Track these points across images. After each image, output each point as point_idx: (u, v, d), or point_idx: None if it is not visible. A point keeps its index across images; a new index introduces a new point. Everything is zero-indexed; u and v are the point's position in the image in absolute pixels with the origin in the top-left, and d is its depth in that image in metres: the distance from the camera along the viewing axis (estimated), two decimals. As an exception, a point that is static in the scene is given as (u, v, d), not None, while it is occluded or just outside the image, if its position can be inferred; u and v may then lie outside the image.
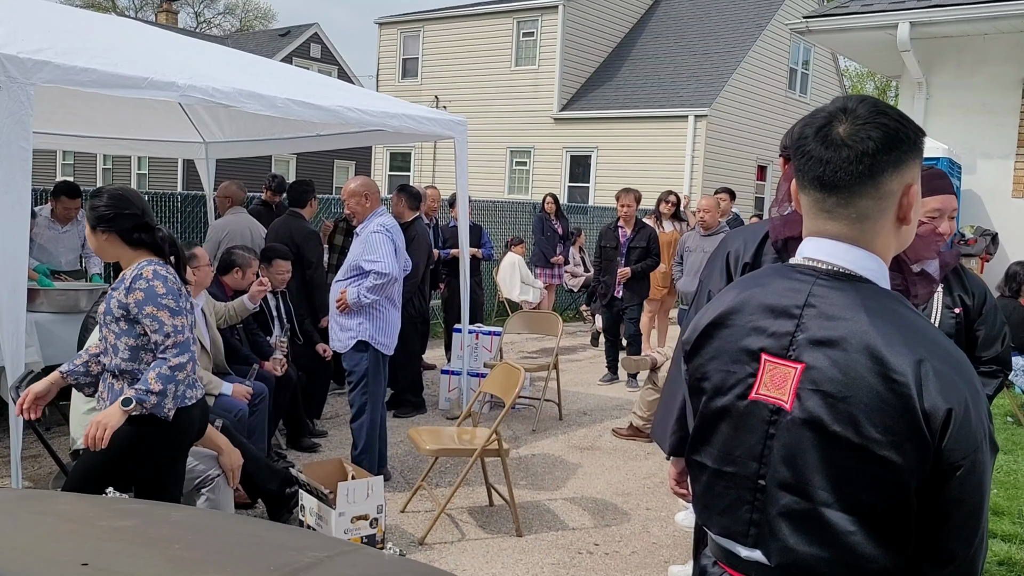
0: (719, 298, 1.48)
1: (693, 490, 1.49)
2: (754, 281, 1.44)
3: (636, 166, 18.12)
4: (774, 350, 1.34)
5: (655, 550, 4.10)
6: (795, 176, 1.43)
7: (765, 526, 1.33)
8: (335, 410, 6.41)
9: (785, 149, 2.25)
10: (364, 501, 3.87)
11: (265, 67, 5.95)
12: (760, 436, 1.34)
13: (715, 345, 1.42)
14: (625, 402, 7.15)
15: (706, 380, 1.42)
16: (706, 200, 7.44)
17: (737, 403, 1.37)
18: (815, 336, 1.31)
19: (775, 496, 1.32)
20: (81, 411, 3.37)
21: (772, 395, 1.33)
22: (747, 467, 1.35)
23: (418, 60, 22.12)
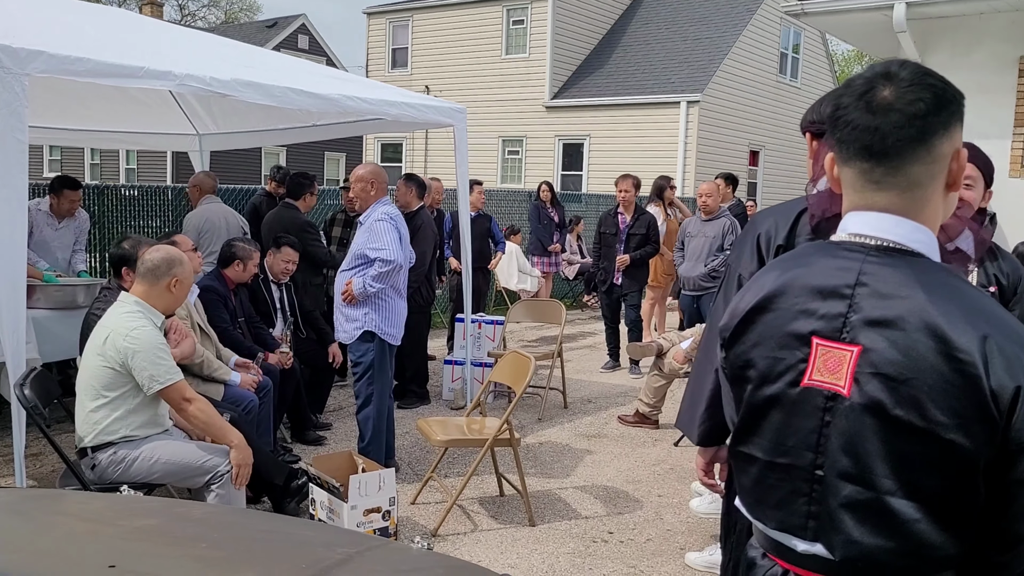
0: (757, 281, 1.41)
1: (740, 483, 1.42)
2: (796, 261, 1.38)
3: (629, 153, 18.05)
4: (826, 333, 1.28)
5: (670, 537, 4.06)
6: (834, 149, 1.37)
7: (826, 519, 1.27)
8: (338, 402, 6.35)
9: (812, 124, 2.18)
10: (376, 494, 3.82)
11: (261, 57, 5.87)
12: (815, 424, 1.28)
13: (758, 331, 1.35)
14: (629, 389, 7.11)
15: (751, 368, 1.35)
16: (707, 185, 7.38)
17: (788, 391, 1.30)
18: (870, 316, 1.25)
19: (835, 487, 1.25)
20: (87, 408, 3.30)
21: (827, 381, 1.27)
22: (802, 457, 1.29)
23: (408, 50, 21.97)
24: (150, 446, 3.31)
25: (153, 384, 3.23)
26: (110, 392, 3.26)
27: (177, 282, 3.43)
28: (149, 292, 3.39)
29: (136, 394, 3.29)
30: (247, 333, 5.20)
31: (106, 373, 3.25)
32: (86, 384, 3.30)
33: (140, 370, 3.22)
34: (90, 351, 3.32)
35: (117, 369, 3.24)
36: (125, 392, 3.27)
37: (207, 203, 6.62)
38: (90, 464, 3.31)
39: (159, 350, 3.28)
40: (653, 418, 5.90)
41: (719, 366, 1.47)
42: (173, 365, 3.31)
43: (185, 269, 3.46)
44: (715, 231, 7.15)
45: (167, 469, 3.29)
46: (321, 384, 5.81)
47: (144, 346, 3.23)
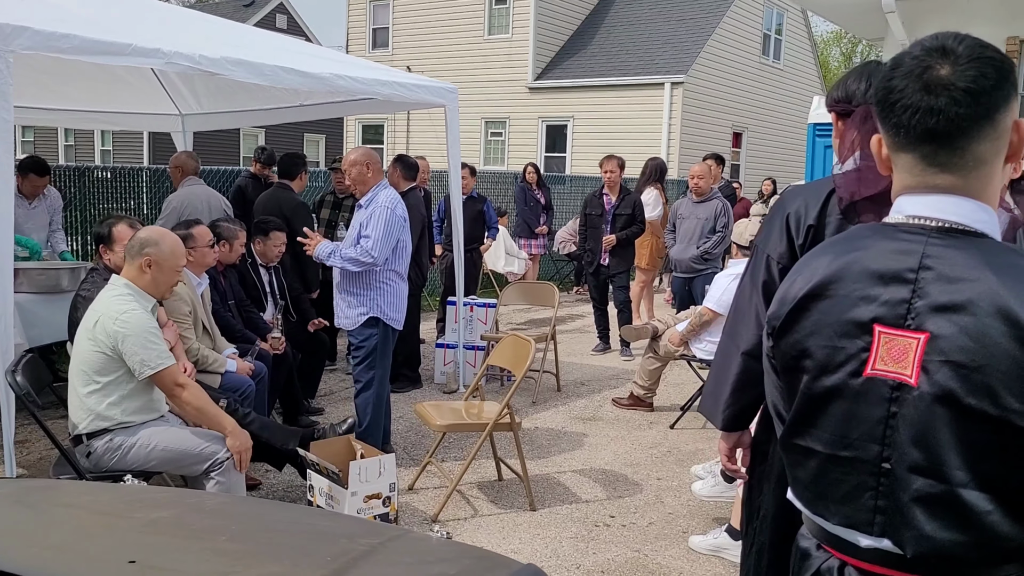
0: (807, 266, 1.35)
1: (795, 476, 1.37)
2: (850, 244, 1.32)
3: (613, 135, 17.97)
4: (889, 320, 1.22)
5: (672, 520, 4.04)
6: (888, 133, 1.31)
7: (895, 513, 1.22)
8: (328, 387, 6.27)
9: (837, 103, 2.12)
10: (376, 480, 3.77)
11: (250, 35, 5.75)
12: (880, 416, 1.22)
13: (814, 319, 1.29)
14: (621, 371, 7.09)
15: (807, 358, 1.29)
16: (699, 166, 7.34)
17: (850, 381, 1.25)
18: (937, 301, 1.20)
19: (905, 480, 1.21)
20: (80, 394, 3.21)
21: (891, 370, 1.21)
22: (867, 450, 1.24)
23: (388, 30, 21.69)
24: (147, 432, 3.23)
25: (144, 369, 3.15)
26: (102, 377, 3.18)
27: (151, 263, 3.29)
28: (133, 274, 3.29)
29: (129, 379, 3.20)
30: (238, 316, 5.11)
31: (97, 358, 3.16)
32: (78, 369, 3.21)
33: (131, 355, 3.14)
34: (81, 335, 3.23)
35: (108, 354, 3.15)
36: (118, 377, 3.19)
37: (189, 185, 6.48)
38: (85, 452, 3.23)
39: (150, 334, 3.19)
40: (648, 401, 5.88)
41: (765, 354, 1.42)
42: (165, 350, 3.22)
43: (160, 250, 3.30)
44: (707, 213, 7.12)
45: (165, 456, 3.22)
46: (313, 369, 5.73)
47: (134, 330, 3.14)
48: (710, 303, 5.29)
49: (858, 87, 2.05)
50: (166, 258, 3.32)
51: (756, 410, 2.13)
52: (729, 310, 2.18)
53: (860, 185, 1.90)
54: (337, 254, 4.43)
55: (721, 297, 5.24)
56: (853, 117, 2.02)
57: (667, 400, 6.13)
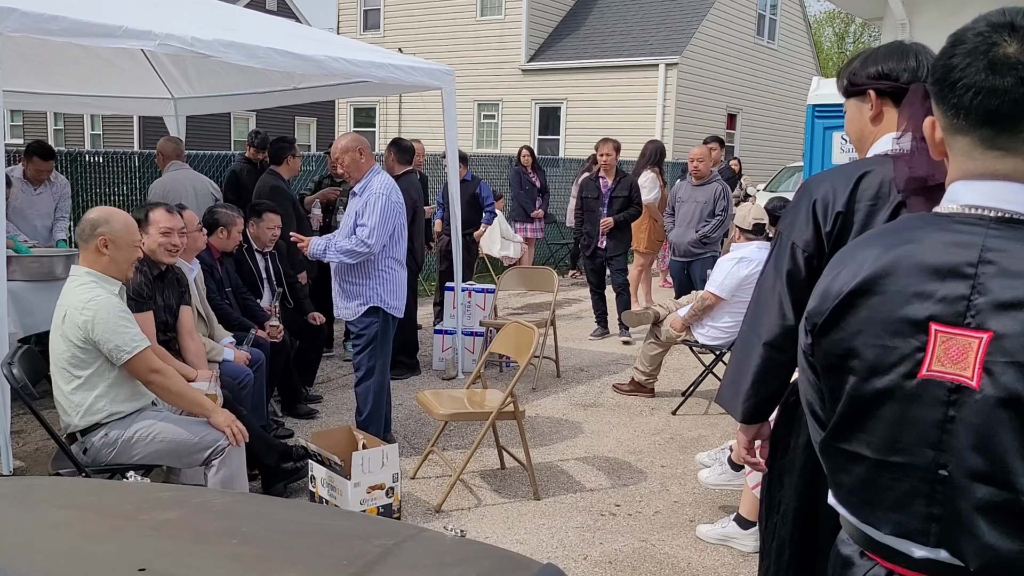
0: (852, 259, 1.27)
1: (838, 481, 1.29)
2: (900, 236, 1.24)
3: (607, 117, 17.85)
4: (946, 318, 1.15)
5: (678, 509, 4.00)
6: (945, 115, 1.24)
7: (953, 523, 1.15)
8: (325, 374, 6.21)
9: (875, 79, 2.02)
10: (379, 470, 3.72)
11: (243, 17, 5.63)
12: (937, 420, 1.15)
13: (862, 316, 1.22)
14: (620, 356, 7.04)
15: (853, 358, 1.22)
16: (698, 149, 7.27)
17: (903, 383, 1.17)
18: (1000, 298, 1.12)
19: (966, 489, 1.14)
20: (65, 392, 3.14)
21: (949, 371, 1.14)
22: (921, 456, 1.17)
23: (380, 11, 21.47)
24: (143, 424, 3.16)
25: (121, 355, 3.07)
26: (82, 371, 3.10)
27: (106, 242, 3.18)
28: (88, 259, 3.20)
29: (110, 368, 3.13)
30: (235, 304, 5.04)
31: (72, 352, 3.08)
32: (58, 368, 3.13)
33: (104, 341, 3.06)
34: (53, 334, 3.14)
35: (82, 345, 3.07)
36: (98, 368, 3.11)
37: (173, 170, 6.39)
38: (82, 448, 3.16)
39: (120, 317, 3.10)
40: (649, 386, 5.84)
41: (802, 352, 1.35)
42: (138, 332, 3.13)
43: (113, 228, 3.18)
44: (706, 196, 7.06)
45: (164, 449, 3.15)
46: (310, 356, 5.67)
47: (103, 315, 3.06)
48: (712, 287, 5.24)
49: (904, 65, 1.97)
50: (120, 234, 3.19)
51: (777, 402, 2.08)
52: (750, 299, 2.11)
53: (933, 169, 1.81)
54: (332, 249, 4.34)
55: (724, 281, 5.19)
56: (911, 95, 1.94)
57: (668, 385, 6.09)
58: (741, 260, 5.18)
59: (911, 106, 1.96)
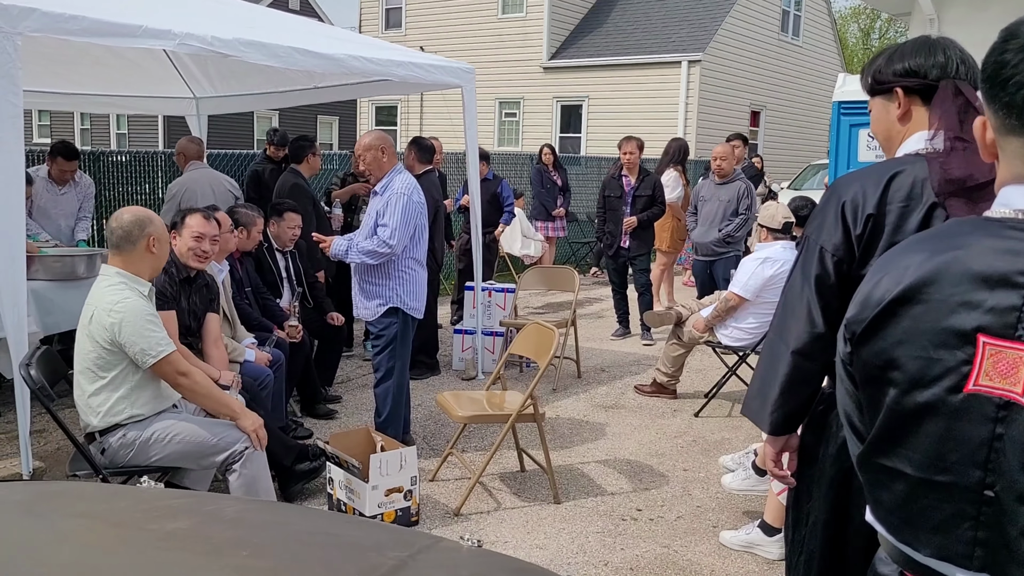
0: (894, 265, 1.20)
1: (877, 498, 1.23)
2: (947, 242, 1.17)
3: (629, 114, 17.75)
4: (996, 330, 1.08)
5: (701, 514, 3.93)
6: (995, 114, 1.16)
7: (999, 547, 1.09)
8: (345, 374, 6.19)
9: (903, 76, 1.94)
10: (398, 473, 3.69)
11: (263, 15, 5.61)
12: (984, 438, 1.09)
13: (904, 326, 1.15)
14: (641, 357, 6.97)
15: (894, 369, 1.16)
16: (721, 147, 7.17)
17: (948, 397, 1.11)
18: None
19: (1013, 511, 1.07)
20: (88, 392, 3.12)
21: (997, 386, 1.07)
22: (967, 476, 1.10)
23: (402, 10, 21.49)
24: (161, 425, 3.15)
25: (147, 358, 3.05)
26: (107, 372, 3.09)
27: (155, 240, 3.20)
28: (127, 260, 3.18)
29: (135, 370, 3.12)
30: (255, 304, 5.02)
31: (98, 353, 3.07)
32: (82, 367, 3.12)
33: (131, 344, 3.04)
34: (80, 333, 3.13)
35: (108, 347, 3.06)
36: (123, 370, 3.10)
37: (192, 169, 6.40)
38: (100, 448, 3.15)
39: (147, 321, 3.08)
40: (671, 388, 5.76)
41: (841, 361, 1.28)
42: (164, 336, 3.12)
43: (157, 227, 3.21)
44: (729, 195, 6.96)
45: (181, 450, 3.13)
46: (330, 356, 5.65)
47: (130, 318, 3.04)
48: (736, 288, 5.16)
49: (933, 62, 1.89)
50: (163, 234, 3.24)
51: (806, 412, 2.01)
52: (777, 306, 2.04)
53: (971, 169, 1.74)
54: (354, 249, 4.31)
55: (748, 282, 5.11)
56: (941, 93, 1.87)
57: (690, 387, 6.02)
58: (766, 260, 5.09)
59: (942, 103, 1.88)
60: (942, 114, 1.86)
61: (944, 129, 1.84)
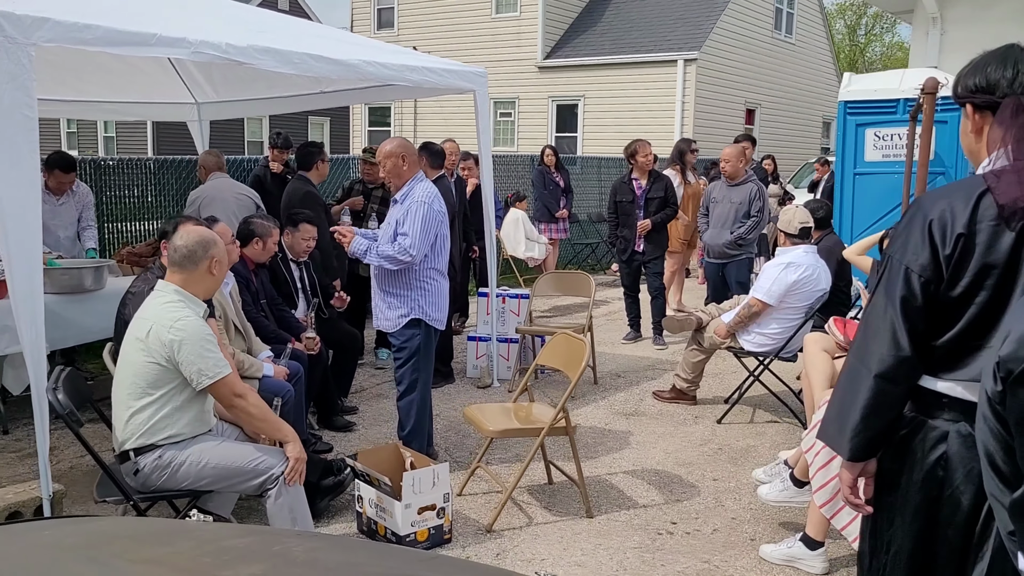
0: None
1: None
2: None
3: (625, 114, 17.71)
4: None
5: (737, 526, 3.87)
6: None
7: None
8: (359, 383, 6.09)
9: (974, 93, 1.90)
10: (430, 490, 3.61)
11: (272, 20, 5.51)
12: None
13: None
14: (656, 361, 6.91)
15: None
16: (730, 149, 7.11)
17: None
18: None
19: None
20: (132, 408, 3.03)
21: None
22: None
23: (394, 9, 21.37)
24: (197, 448, 3.06)
25: (202, 379, 2.98)
26: (156, 390, 3.01)
27: (216, 262, 3.18)
28: (188, 279, 3.13)
29: (183, 390, 3.04)
30: (270, 316, 4.93)
31: (151, 369, 2.99)
32: (129, 382, 3.04)
33: (188, 364, 2.97)
34: (131, 346, 3.05)
35: (163, 364, 2.98)
36: (172, 388, 3.02)
37: (212, 180, 6.31)
38: (132, 469, 3.06)
39: (206, 341, 3.02)
40: (691, 394, 5.70)
41: (989, 399, 1.22)
42: (221, 357, 3.05)
43: (220, 249, 3.21)
44: (741, 197, 6.91)
45: (217, 474, 3.05)
46: (346, 366, 5.56)
47: (191, 336, 2.98)
48: (759, 294, 5.10)
49: (1003, 75, 1.83)
50: (224, 255, 3.21)
51: (888, 438, 1.94)
52: (858, 329, 1.97)
53: (1023, 189, 1.69)
54: (373, 251, 4.24)
55: (771, 288, 5.05)
56: (1002, 110, 1.81)
57: (709, 392, 5.96)
58: (789, 265, 5.03)
59: (1002, 123, 1.82)
60: (1004, 133, 1.81)
61: (1004, 148, 1.79)
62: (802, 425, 5.03)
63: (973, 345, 1.81)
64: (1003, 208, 1.72)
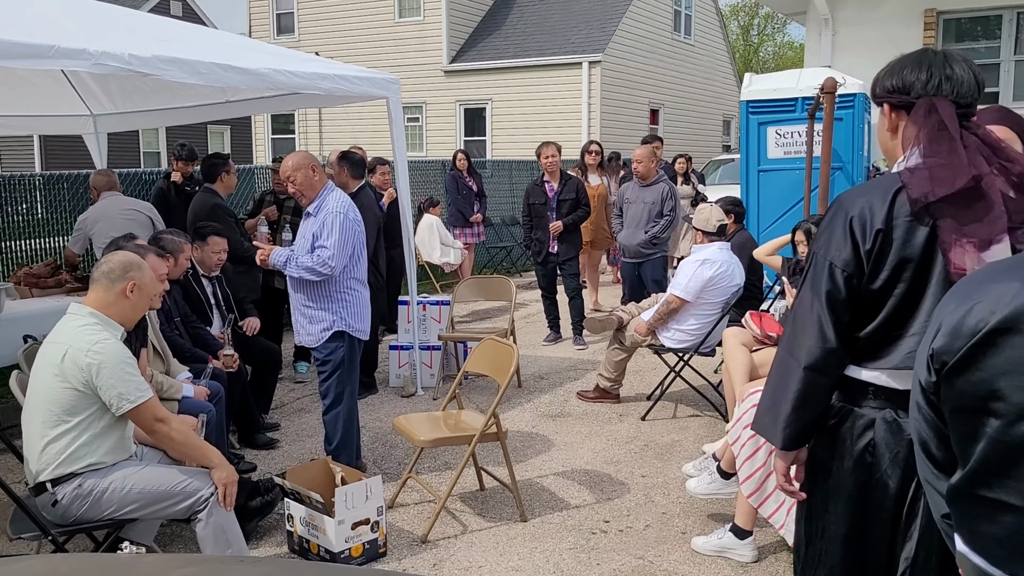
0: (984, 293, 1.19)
1: (978, 530, 1.21)
2: None
3: (533, 116, 17.86)
4: None
5: (668, 521, 3.95)
6: None
7: None
8: (278, 398, 5.94)
9: (891, 94, 1.98)
10: (364, 505, 3.56)
11: (176, 29, 5.33)
12: None
13: (1007, 356, 1.15)
14: (578, 362, 6.98)
15: (998, 400, 1.16)
16: (640, 150, 7.26)
17: None
18: None
19: None
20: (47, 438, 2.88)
21: None
22: None
23: (294, 15, 20.97)
24: (120, 474, 2.93)
25: (123, 403, 2.86)
26: (73, 416, 2.87)
27: (136, 286, 3.04)
28: (104, 299, 3.00)
29: (102, 416, 2.91)
30: (185, 334, 4.77)
31: (68, 395, 2.85)
32: (42, 409, 2.88)
33: (107, 388, 2.84)
34: (44, 372, 2.90)
35: (80, 389, 2.84)
36: (91, 414, 2.89)
37: (102, 200, 6.05)
38: (49, 501, 2.91)
39: (127, 364, 2.90)
40: (614, 392, 5.79)
41: (923, 390, 1.27)
42: (143, 382, 2.94)
43: (144, 275, 3.07)
44: (653, 197, 7.05)
45: (143, 499, 2.93)
46: (265, 382, 5.42)
47: (110, 360, 2.85)
48: (677, 291, 5.22)
49: (917, 77, 1.93)
50: (147, 284, 3.06)
51: (817, 427, 2.01)
52: (786, 323, 2.04)
53: (934, 185, 1.79)
54: (293, 262, 4.17)
55: (688, 284, 5.17)
56: (916, 110, 1.91)
57: (631, 390, 6.06)
58: (704, 262, 5.17)
59: (915, 123, 1.93)
60: (917, 132, 1.91)
61: (918, 147, 1.89)
62: (723, 418, 5.17)
63: (894, 335, 1.90)
64: (915, 203, 1.81)
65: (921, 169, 1.83)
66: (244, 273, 5.94)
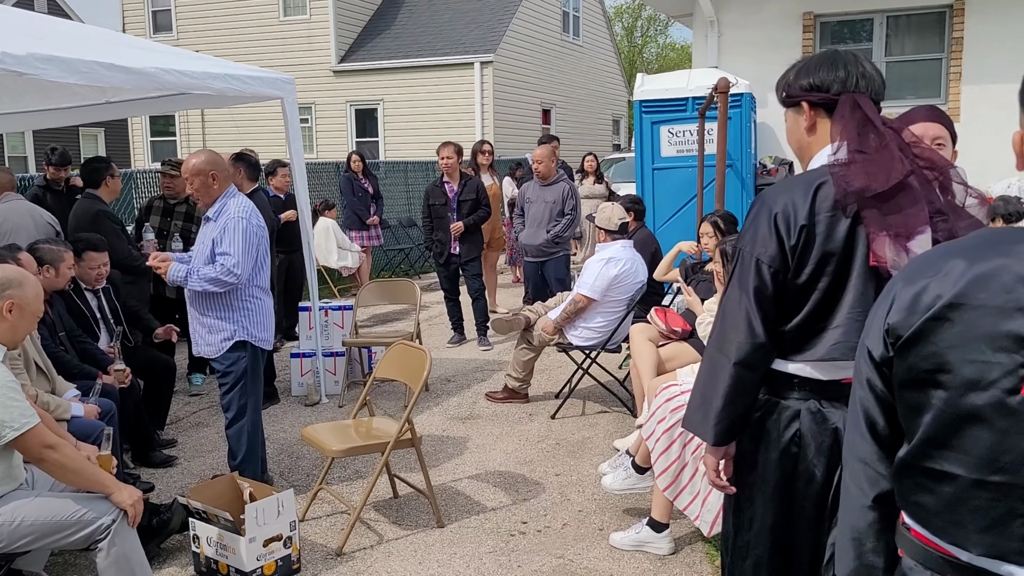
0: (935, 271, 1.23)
1: (919, 501, 1.25)
2: (990, 250, 1.21)
3: (426, 117, 17.75)
4: None
5: (585, 518, 3.96)
6: None
7: None
8: (174, 413, 5.67)
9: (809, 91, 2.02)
10: (275, 520, 3.42)
11: (52, 25, 5.00)
12: None
13: (956, 331, 1.19)
14: (483, 363, 6.95)
15: (946, 373, 1.20)
16: (540, 150, 7.30)
17: (1005, 399, 1.15)
18: None
19: None
20: None
21: None
22: (1021, 475, 1.16)
23: (171, 12, 20.14)
24: (9, 507, 2.71)
25: (6, 431, 2.65)
26: None
27: (15, 306, 2.83)
28: None
29: None
30: (71, 349, 4.48)
31: None
32: None
33: None
34: None
35: None
36: None
37: (6, 202, 5.63)
38: (-68, 541, 2.67)
39: (9, 388, 2.68)
40: (523, 392, 5.78)
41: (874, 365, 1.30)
42: (28, 407, 2.72)
43: (24, 293, 2.85)
44: (554, 196, 7.10)
45: (37, 531, 2.71)
46: (160, 396, 5.16)
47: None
48: (583, 289, 5.25)
49: (835, 76, 1.98)
50: (30, 302, 2.83)
51: (748, 421, 2.04)
52: (714, 320, 2.06)
53: (870, 180, 1.83)
54: (195, 275, 3.95)
55: (594, 283, 5.22)
56: (840, 107, 1.95)
57: (539, 389, 6.07)
58: (609, 260, 5.22)
59: (842, 118, 1.98)
60: (843, 127, 1.96)
61: (847, 142, 1.94)
62: (631, 413, 5.24)
63: (818, 327, 1.94)
64: (851, 195, 1.84)
65: (858, 164, 1.87)
66: (132, 283, 5.64)
